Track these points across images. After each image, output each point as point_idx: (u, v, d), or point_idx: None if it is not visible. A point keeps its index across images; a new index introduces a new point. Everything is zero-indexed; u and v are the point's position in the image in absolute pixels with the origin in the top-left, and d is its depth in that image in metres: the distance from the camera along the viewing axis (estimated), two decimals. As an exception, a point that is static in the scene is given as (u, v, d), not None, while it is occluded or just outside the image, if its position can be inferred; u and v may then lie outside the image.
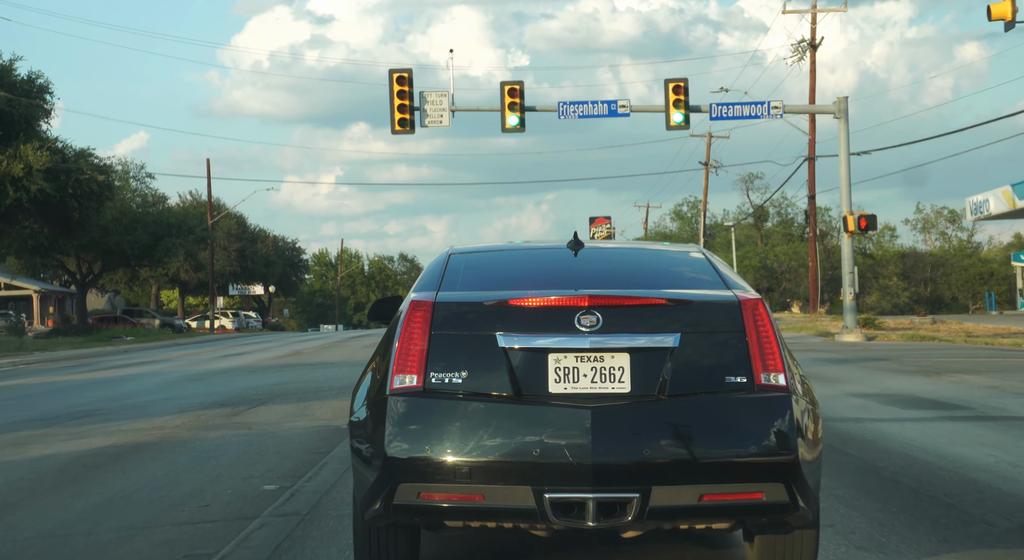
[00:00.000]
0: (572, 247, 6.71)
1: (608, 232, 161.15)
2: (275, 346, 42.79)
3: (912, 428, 13.04)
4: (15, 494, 9.75)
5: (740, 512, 5.60)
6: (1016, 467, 10.21)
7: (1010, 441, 11.87)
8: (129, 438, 13.32)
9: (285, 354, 34.31)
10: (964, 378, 19.97)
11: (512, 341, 5.67)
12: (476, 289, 6.22)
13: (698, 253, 7.02)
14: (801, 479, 5.56)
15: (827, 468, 9.12)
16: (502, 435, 5.49)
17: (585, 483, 5.40)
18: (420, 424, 5.58)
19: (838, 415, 14.27)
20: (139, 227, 71.32)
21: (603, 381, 5.62)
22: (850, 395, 17.17)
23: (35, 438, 13.55)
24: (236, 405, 16.95)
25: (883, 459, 10.73)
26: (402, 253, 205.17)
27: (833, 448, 11.15)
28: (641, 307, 5.79)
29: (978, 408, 15.04)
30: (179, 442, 12.88)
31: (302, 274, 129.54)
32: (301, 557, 7.22)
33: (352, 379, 18.77)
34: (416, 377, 5.69)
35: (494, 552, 7.22)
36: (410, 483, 5.56)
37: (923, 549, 7.21)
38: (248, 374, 24.78)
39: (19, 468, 11.21)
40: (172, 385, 22.06)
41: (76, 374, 27.80)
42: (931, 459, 10.66)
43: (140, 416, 15.82)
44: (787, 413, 5.57)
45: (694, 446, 5.46)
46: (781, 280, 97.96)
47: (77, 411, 16.91)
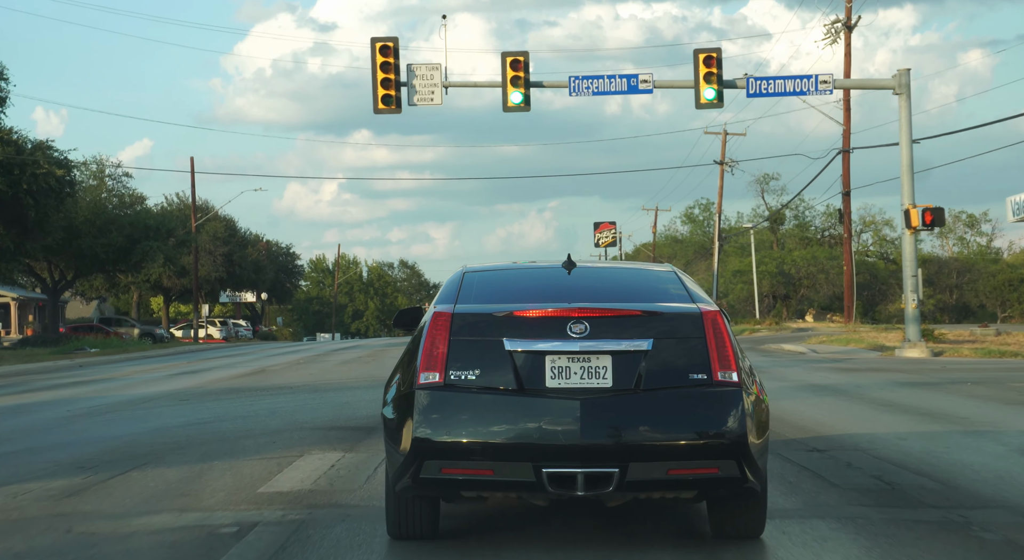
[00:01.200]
0: (566, 266, 8.20)
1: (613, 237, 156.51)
2: (245, 361, 37.11)
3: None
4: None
5: (700, 484, 6.94)
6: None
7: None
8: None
9: (246, 373, 28.52)
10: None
11: (516, 345, 7.02)
12: (487, 302, 7.50)
13: (670, 272, 8.35)
14: (750, 457, 6.87)
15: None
16: (508, 421, 6.85)
17: (575, 460, 6.75)
18: (441, 413, 6.89)
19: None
20: (114, 229, 65.61)
21: (590, 377, 6.97)
22: (1010, 449, 11.46)
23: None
24: (97, 468, 11.09)
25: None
26: (402, 259, 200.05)
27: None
28: (621, 318, 7.16)
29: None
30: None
31: (297, 281, 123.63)
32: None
33: (304, 411, 16.77)
34: (438, 374, 6.99)
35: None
36: (433, 460, 6.84)
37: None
38: (174, 405, 18.93)
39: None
40: (57, 424, 16.18)
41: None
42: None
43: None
44: (739, 404, 6.89)
45: (663, 430, 6.83)
46: (799, 286, 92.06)
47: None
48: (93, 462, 11.59)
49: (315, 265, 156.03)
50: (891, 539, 7.61)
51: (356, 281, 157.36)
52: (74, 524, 8.34)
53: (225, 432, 14.06)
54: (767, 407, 7.31)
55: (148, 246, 66.60)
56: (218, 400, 19.53)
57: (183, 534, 7.90)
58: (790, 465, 10.70)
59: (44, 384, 27.16)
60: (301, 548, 7.52)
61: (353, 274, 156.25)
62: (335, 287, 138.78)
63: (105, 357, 46.22)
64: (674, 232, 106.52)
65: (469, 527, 8.07)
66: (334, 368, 29.15)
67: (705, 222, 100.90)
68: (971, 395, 17.95)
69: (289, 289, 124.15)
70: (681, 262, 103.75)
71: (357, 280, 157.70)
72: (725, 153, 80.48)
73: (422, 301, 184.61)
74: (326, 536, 7.84)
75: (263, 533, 7.94)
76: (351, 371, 27.71)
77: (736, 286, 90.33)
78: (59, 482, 10.29)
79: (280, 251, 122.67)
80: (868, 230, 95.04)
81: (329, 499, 9.23)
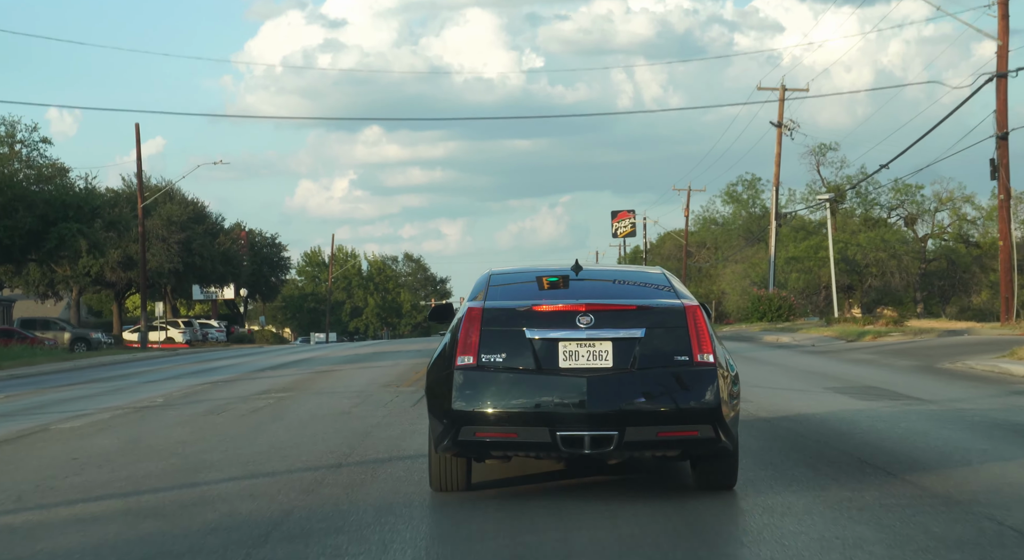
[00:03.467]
0: (575, 269, 9.77)
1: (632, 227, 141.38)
2: (144, 386, 22.42)
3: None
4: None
5: (684, 444, 8.54)
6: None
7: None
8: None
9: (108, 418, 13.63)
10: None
11: (535, 334, 8.58)
12: (511, 299, 9.05)
13: (660, 273, 9.86)
14: (723, 422, 8.44)
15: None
16: (529, 395, 8.43)
17: (583, 425, 8.33)
18: (475, 388, 8.47)
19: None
20: (21, 208, 50.73)
21: (594, 359, 8.50)
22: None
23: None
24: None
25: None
26: (407, 252, 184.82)
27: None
28: (620, 311, 8.76)
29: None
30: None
31: (283, 275, 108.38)
32: None
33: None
34: (472, 358, 8.55)
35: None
36: (469, 426, 8.42)
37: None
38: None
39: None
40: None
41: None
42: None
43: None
44: (714, 380, 8.49)
45: (653, 401, 8.43)
46: (865, 275, 76.59)
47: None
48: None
49: (309, 258, 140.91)
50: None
51: (354, 275, 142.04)
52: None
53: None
54: (739, 382, 9.05)
55: (66, 229, 51.65)
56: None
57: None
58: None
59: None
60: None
61: (351, 268, 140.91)
62: (329, 282, 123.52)
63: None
64: (712, 214, 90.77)
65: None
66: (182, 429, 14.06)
67: (751, 201, 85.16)
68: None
69: (275, 284, 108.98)
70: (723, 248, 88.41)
71: (356, 274, 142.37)
72: (783, 113, 65.18)
73: (428, 297, 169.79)
74: None
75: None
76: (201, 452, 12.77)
77: (790, 275, 74.95)
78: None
79: (264, 241, 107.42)
80: (945, 208, 79.37)
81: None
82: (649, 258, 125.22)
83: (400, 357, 33.17)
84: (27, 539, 7.91)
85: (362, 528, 7.90)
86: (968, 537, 7.35)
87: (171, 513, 8.64)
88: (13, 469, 11.33)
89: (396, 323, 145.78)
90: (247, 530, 7.90)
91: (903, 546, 7.15)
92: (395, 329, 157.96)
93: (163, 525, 8.19)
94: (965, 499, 8.54)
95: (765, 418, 13.93)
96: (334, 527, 7.94)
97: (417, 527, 8.05)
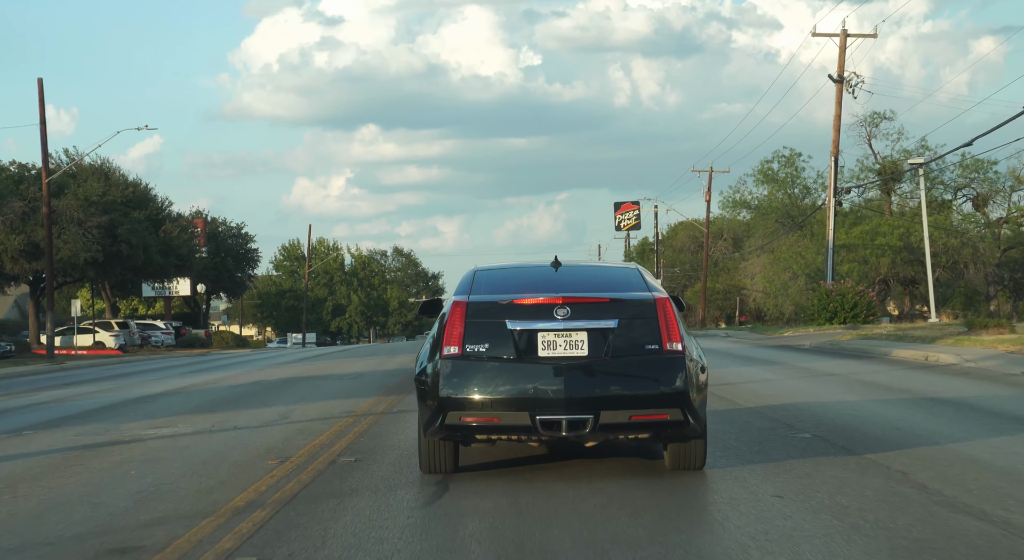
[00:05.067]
0: (554, 265, 10.12)
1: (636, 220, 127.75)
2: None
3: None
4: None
5: (655, 427, 8.91)
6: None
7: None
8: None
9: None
10: None
11: (516, 325, 8.96)
12: (493, 293, 9.41)
13: (634, 269, 10.18)
14: (691, 406, 8.83)
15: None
16: (510, 382, 8.81)
17: (560, 409, 8.70)
18: (460, 376, 8.85)
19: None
20: None
21: (571, 349, 8.89)
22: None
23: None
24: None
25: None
26: (396, 246, 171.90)
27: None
28: (594, 303, 9.09)
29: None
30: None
31: (250, 269, 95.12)
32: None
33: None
34: (457, 348, 8.95)
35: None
36: (455, 411, 8.82)
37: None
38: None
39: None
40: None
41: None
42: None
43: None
44: (683, 367, 8.86)
45: (626, 386, 8.85)
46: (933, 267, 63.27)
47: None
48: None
49: (288, 252, 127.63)
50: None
51: (336, 270, 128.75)
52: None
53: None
54: (706, 370, 9.38)
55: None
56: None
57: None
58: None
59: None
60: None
61: (332, 262, 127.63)
62: (306, 276, 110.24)
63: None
64: (745, 195, 76.93)
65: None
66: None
67: (790, 181, 71.50)
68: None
69: (241, 280, 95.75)
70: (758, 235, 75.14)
71: (338, 269, 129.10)
72: (844, 64, 52.01)
73: (419, 293, 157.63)
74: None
75: None
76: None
77: (841, 266, 61.74)
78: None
79: (228, 231, 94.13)
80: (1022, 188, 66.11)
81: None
82: (661, 250, 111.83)
83: (336, 385, 21.91)
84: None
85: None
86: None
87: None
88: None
89: (383, 322, 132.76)
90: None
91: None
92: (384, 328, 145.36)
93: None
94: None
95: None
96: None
97: None
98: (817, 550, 6.74)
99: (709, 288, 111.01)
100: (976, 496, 8.16)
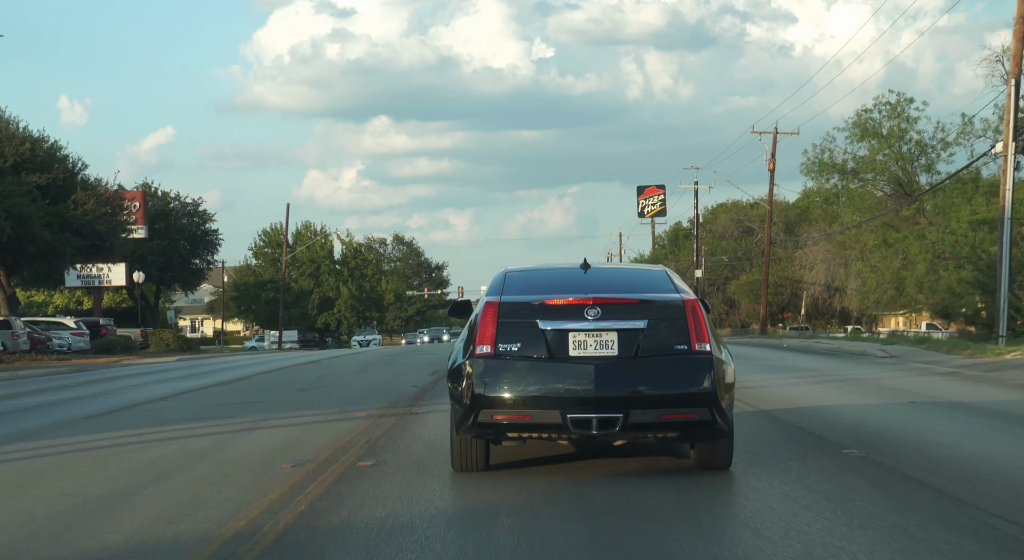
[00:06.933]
0: (583, 267, 10.27)
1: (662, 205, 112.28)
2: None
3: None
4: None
5: (683, 426, 9.09)
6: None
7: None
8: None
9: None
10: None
11: (547, 325, 9.13)
12: (525, 294, 9.59)
13: (662, 271, 10.34)
14: (719, 406, 8.98)
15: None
16: (541, 381, 8.99)
17: (591, 408, 8.86)
18: (492, 375, 9.05)
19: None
20: None
21: (601, 348, 9.04)
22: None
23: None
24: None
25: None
26: (397, 234, 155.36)
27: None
28: (624, 304, 9.29)
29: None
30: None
31: (209, 255, 77.99)
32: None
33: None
34: (490, 347, 9.13)
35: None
36: (487, 409, 9.01)
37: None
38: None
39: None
40: None
41: None
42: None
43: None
44: (711, 367, 9.01)
45: (655, 386, 8.98)
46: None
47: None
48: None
49: (268, 237, 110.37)
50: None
51: (324, 259, 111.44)
52: None
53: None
54: (733, 371, 9.55)
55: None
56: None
57: None
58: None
59: None
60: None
61: (319, 249, 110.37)
62: (283, 266, 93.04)
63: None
64: (833, 158, 58.12)
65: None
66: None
67: (905, 133, 53.56)
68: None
69: (197, 268, 78.71)
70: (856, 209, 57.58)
71: (325, 258, 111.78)
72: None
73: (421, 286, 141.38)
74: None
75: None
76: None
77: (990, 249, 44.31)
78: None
79: (181, 209, 77.04)
80: None
81: None
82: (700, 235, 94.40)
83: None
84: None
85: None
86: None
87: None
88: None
89: (375, 317, 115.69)
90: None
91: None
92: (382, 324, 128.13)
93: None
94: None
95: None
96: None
97: None
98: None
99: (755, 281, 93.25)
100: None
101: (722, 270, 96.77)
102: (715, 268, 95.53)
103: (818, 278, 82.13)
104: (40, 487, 9.82)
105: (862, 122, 54.15)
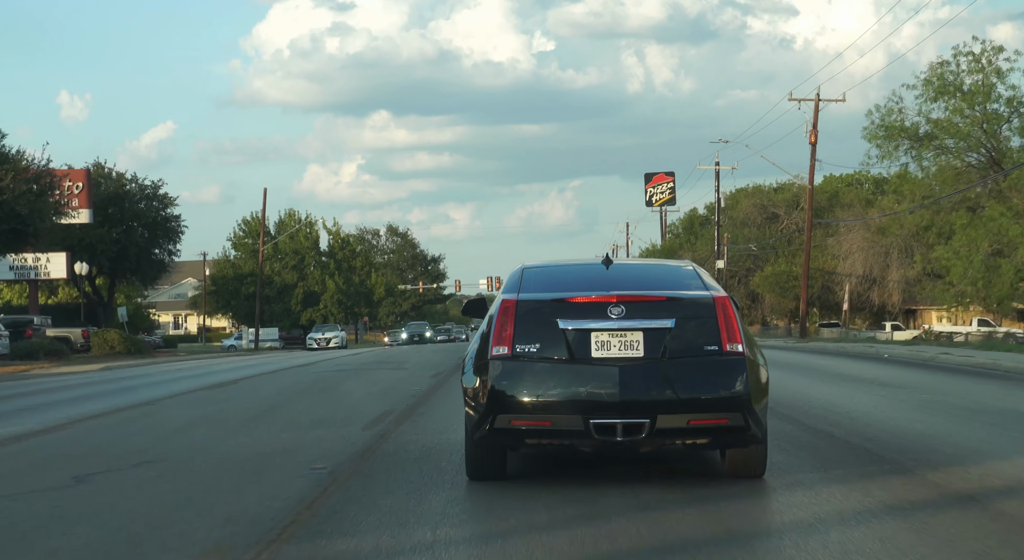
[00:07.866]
0: (605, 263, 9.70)
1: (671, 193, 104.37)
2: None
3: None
4: None
5: (714, 432, 8.42)
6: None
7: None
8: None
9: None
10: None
11: (568, 324, 8.50)
12: (543, 291, 9.01)
13: (689, 266, 9.82)
14: (752, 411, 8.34)
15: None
16: (562, 384, 8.36)
17: (615, 412, 8.24)
18: (510, 377, 8.43)
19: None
20: None
21: (626, 349, 8.42)
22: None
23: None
24: None
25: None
26: (391, 225, 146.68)
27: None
28: (650, 302, 8.64)
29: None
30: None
31: (170, 244, 68.71)
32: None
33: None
34: (507, 348, 8.53)
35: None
36: (504, 414, 8.42)
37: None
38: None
39: None
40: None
41: None
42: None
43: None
44: (744, 370, 8.36)
45: (683, 389, 8.31)
46: None
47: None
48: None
49: (248, 227, 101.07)
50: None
51: (309, 251, 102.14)
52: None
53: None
54: (767, 373, 8.79)
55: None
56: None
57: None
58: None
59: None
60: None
61: (303, 240, 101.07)
62: (260, 259, 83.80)
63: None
64: (903, 120, 48.40)
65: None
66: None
67: (993, 89, 43.92)
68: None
69: (157, 259, 69.41)
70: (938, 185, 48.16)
71: (310, 249, 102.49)
72: None
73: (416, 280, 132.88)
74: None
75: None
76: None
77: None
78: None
79: (138, 191, 67.73)
80: None
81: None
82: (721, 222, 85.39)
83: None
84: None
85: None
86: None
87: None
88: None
89: (363, 312, 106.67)
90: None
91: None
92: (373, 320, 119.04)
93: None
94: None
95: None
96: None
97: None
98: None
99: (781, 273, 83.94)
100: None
101: (744, 260, 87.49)
102: (737, 259, 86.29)
103: (855, 269, 72.91)
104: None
105: (937, 77, 44.64)
